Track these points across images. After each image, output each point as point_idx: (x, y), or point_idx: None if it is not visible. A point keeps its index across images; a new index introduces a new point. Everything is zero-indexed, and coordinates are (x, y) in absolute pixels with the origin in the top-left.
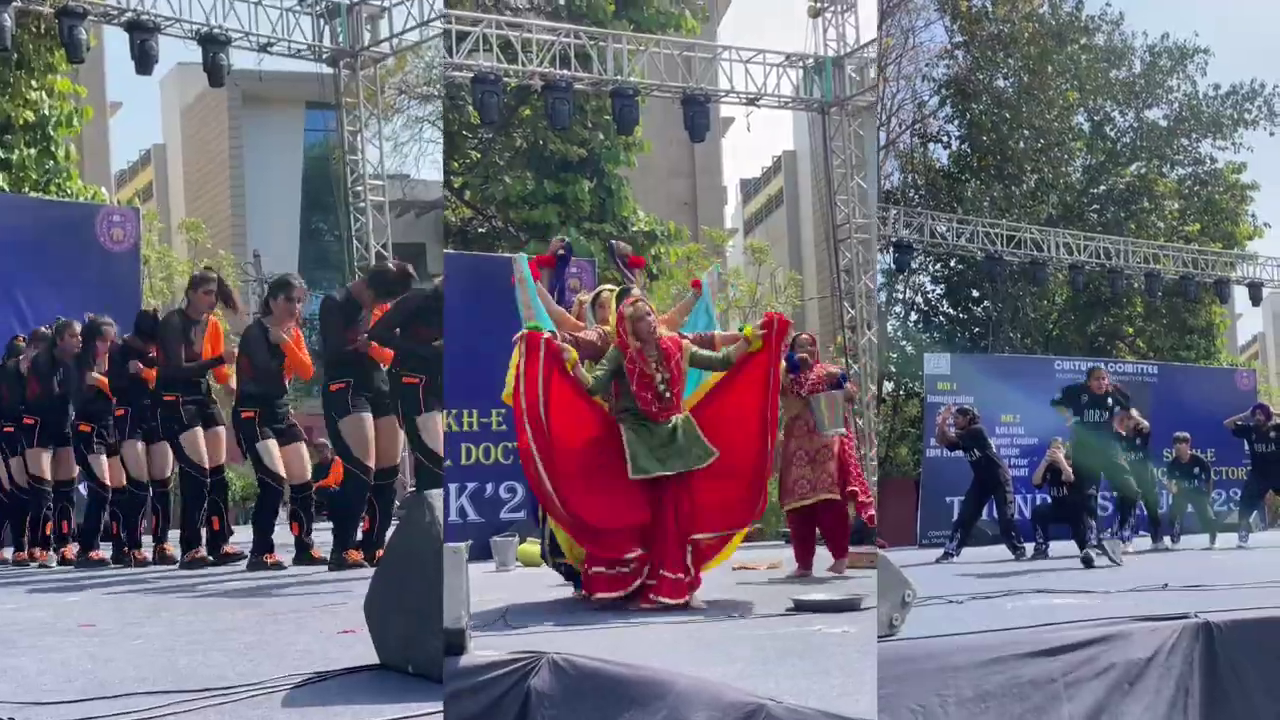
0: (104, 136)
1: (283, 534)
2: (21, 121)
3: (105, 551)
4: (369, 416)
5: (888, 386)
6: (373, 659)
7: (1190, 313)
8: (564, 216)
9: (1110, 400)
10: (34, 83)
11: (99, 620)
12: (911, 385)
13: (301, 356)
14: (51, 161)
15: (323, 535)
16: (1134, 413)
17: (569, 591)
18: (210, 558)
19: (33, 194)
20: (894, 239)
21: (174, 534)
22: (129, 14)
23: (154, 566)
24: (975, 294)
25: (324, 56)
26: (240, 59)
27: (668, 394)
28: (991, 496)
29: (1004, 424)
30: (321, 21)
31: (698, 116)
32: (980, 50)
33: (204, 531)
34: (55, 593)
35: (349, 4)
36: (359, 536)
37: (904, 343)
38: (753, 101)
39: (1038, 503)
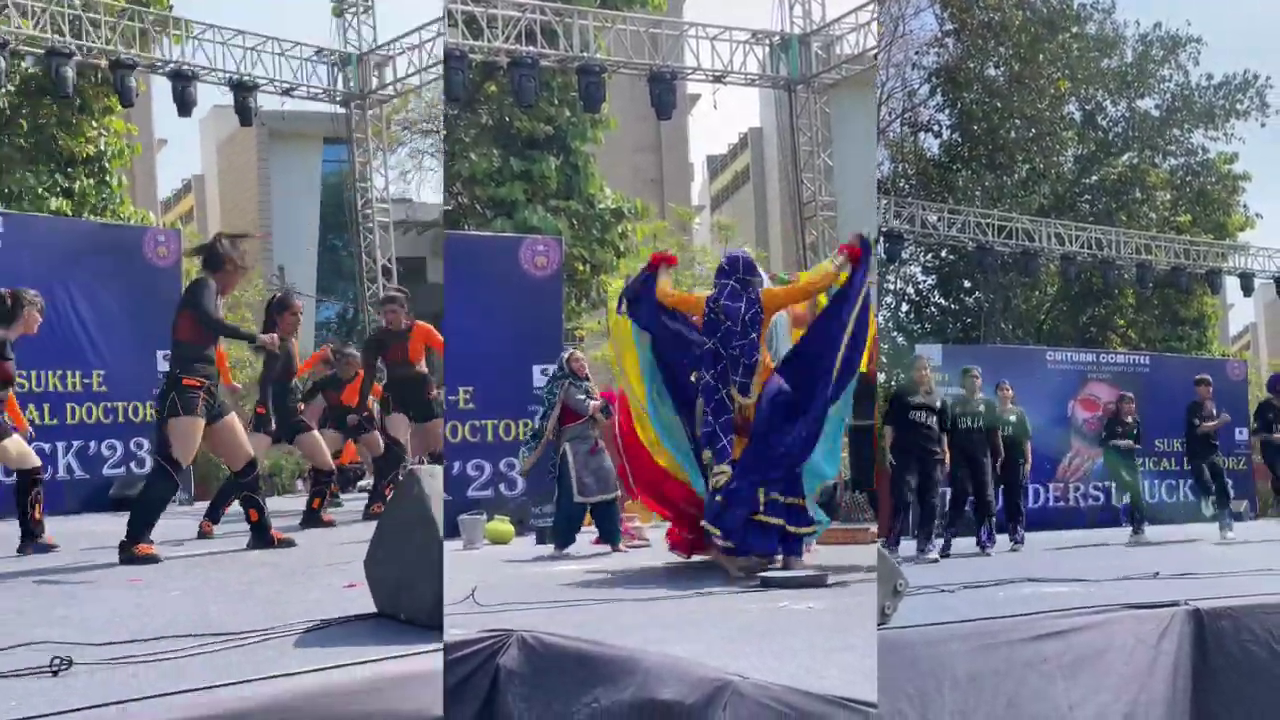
0: (151, 168)
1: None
2: (84, 155)
3: None
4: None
5: (880, 378)
6: (371, 609)
7: (1182, 303)
8: (530, 194)
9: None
10: (93, 123)
11: (151, 575)
12: (903, 376)
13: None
14: (107, 190)
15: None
16: (1131, 406)
17: (537, 569)
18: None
19: (91, 217)
20: (885, 229)
21: None
22: (171, 65)
23: None
24: (967, 284)
25: (338, 99)
26: (266, 101)
27: None
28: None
29: None
30: (335, 69)
31: (664, 93)
32: (971, 38)
33: None
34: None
35: (359, 54)
36: None
37: (895, 333)
38: (719, 79)
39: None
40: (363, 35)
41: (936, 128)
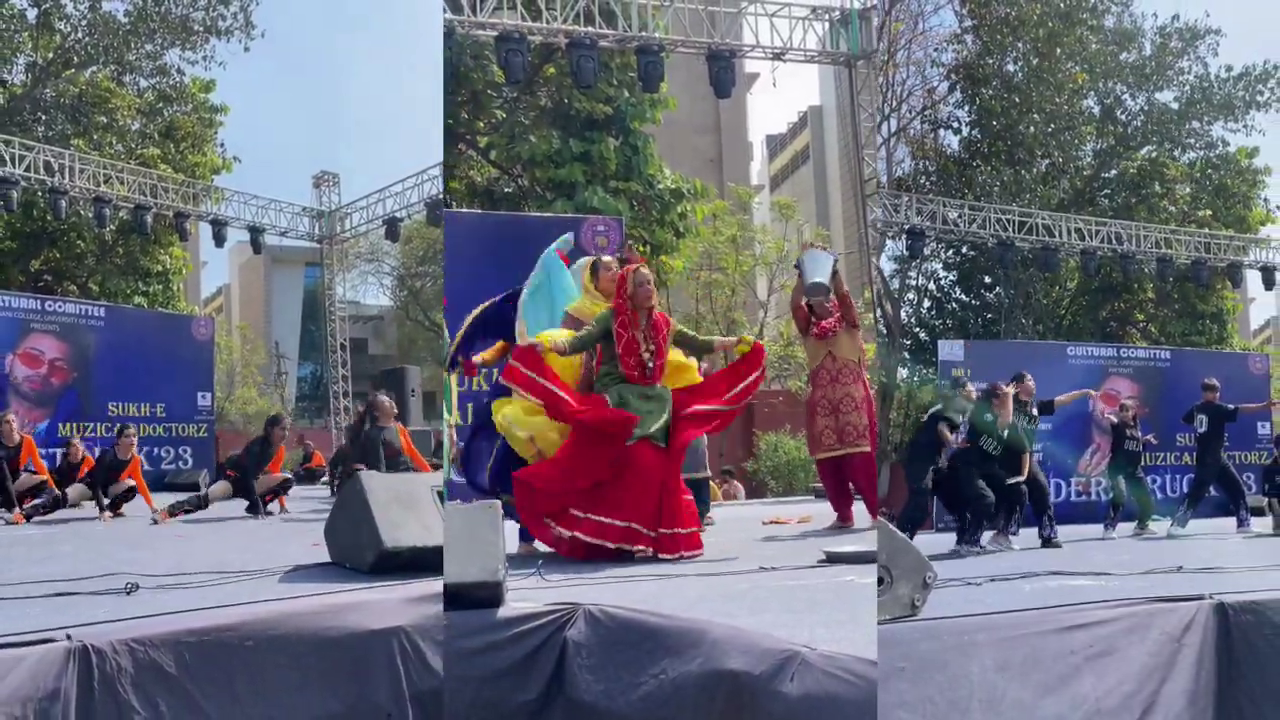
0: (197, 279)
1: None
2: (156, 271)
3: None
4: None
5: (901, 373)
6: (327, 559)
7: (1202, 298)
8: (590, 175)
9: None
10: (161, 251)
11: (188, 533)
12: (925, 372)
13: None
14: (170, 292)
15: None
16: (1127, 404)
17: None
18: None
19: (159, 309)
20: (906, 226)
21: None
22: (212, 215)
23: None
24: (987, 280)
25: (315, 239)
26: (270, 239)
27: (651, 364)
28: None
29: None
30: (313, 220)
31: (723, 72)
32: (989, 34)
33: None
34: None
35: (328, 211)
36: None
37: (917, 329)
38: (778, 56)
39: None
40: (330, 200)
41: (956, 124)
